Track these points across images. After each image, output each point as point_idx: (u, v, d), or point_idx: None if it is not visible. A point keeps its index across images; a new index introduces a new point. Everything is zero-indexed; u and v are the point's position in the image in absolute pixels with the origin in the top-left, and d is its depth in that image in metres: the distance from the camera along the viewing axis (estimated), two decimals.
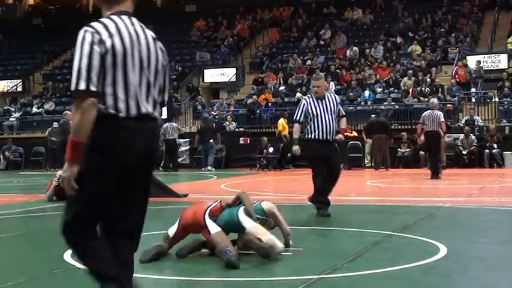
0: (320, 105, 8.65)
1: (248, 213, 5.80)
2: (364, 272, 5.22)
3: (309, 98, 8.92)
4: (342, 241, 6.99)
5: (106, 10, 3.52)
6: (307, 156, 9.13)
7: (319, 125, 8.61)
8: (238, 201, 6.04)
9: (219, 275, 5.39)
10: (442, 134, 15.68)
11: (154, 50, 3.59)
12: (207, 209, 5.84)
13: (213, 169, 21.02)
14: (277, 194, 12.88)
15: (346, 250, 6.18)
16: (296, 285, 4.78)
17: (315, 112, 8.62)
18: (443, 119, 15.57)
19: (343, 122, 9.20)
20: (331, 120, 8.63)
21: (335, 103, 8.78)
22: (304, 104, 8.76)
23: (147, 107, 3.40)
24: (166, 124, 20.90)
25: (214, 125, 22.41)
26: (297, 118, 8.80)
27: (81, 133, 3.19)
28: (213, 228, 5.66)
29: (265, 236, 5.66)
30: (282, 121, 21.55)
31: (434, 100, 16.71)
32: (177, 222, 5.94)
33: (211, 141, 21.45)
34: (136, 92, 3.37)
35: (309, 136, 8.73)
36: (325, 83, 9.04)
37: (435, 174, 15.46)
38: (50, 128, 23.09)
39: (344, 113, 9.16)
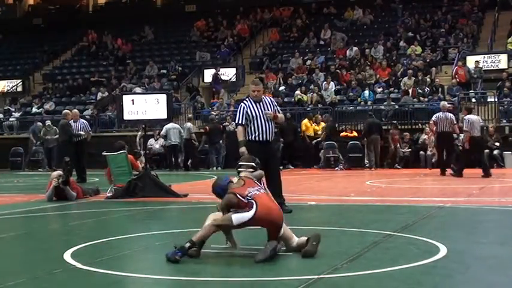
0: (258, 107, 9.17)
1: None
2: (364, 272, 5.22)
3: (247, 101, 9.35)
4: (342, 241, 6.99)
5: None
6: None
7: (258, 127, 9.12)
8: None
9: (219, 275, 5.39)
10: (456, 135, 16.54)
11: None
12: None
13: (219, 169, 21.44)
14: None
15: (346, 250, 6.18)
16: (296, 285, 4.78)
17: (254, 114, 9.12)
18: (455, 121, 16.34)
19: (281, 118, 9.66)
20: (268, 122, 9.15)
21: (271, 105, 9.30)
22: (244, 107, 9.22)
23: None
24: (169, 126, 20.78)
25: (221, 125, 22.69)
26: (240, 121, 9.26)
27: None
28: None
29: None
30: (305, 121, 21.79)
31: (445, 103, 17.42)
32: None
33: (220, 141, 21.91)
34: None
35: (250, 137, 9.18)
36: (263, 88, 9.78)
37: (458, 173, 15.98)
38: (43, 128, 23.07)
39: (280, 111, 9.75)
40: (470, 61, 24.74)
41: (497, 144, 19.81)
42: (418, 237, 6.85)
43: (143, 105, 12.47)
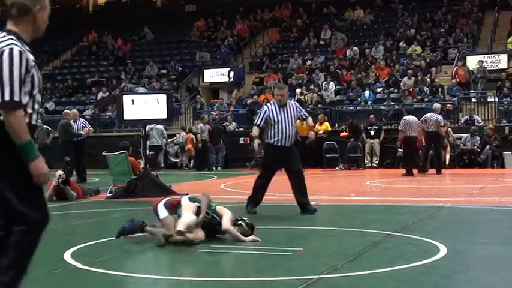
0: (282, 112, 9.10)
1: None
2: (364, 272, 5.23)
3: (271, 104, 9.33)
4: (342, 241, 6.99)
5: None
6: (263, 161, 9.79)
7: (279, 131, 9.04)
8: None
9: (219, 275, 5.39)
10: (443, 134, 17.34)
11: None
12: (163, 199, 6.86)
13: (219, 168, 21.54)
14: (277, 194, 12.86)
15: (346, 250, 6.19)
16: (296, 285, 4.78)
17: (276, 119, 9.05)
18: (442, 123, 17.14)
19: (310, 121, 9.90)
20: (290, 127, 9.11)
21: (295, 110, 9.28)
22: (266, 111, 9.18)
23: None
24: (151, 126, 19.98)
25: (221, 126, 22.80)
26: (258, 123, 9.25)
27: None
28: (163, 214, 6.62)
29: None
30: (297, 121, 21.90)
31: (438, 105, 18.16)
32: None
33: (221, 141, 21.94)
34: None
35: (269, 141, 9.14)
36: (287, 93, 9.65)
37: (439, 170, 16.95)
38: (41, 129, 22.94)
39: (307, 114, 9.80)
40: (470, 61, 24.74)
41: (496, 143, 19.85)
42: (418, 237, 6.85)
43: (143, 105, 12.47)
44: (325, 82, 24.91)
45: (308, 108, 23.65)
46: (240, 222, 6.76)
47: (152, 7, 37.07)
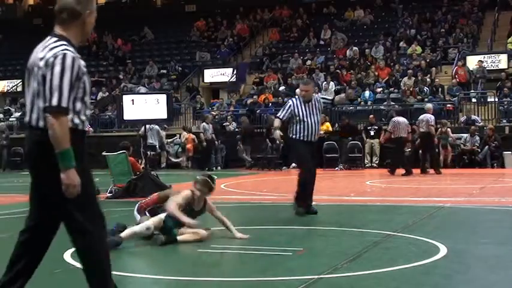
0: (307, 108, 8.96)
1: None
2: (364, 272, 5.23)
3: (296, 99, 9.20)
4: (342, 241, 6.99)
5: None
6: (295, 156, 9.53)
7: (305, 127, 8.91)
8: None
9: (219, 275, 5.39)
10: (433, 133, 17.73)
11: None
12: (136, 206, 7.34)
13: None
14: (277, 194, 12.87)
15: (346, 250, 6.18)
16: (296, 285, 4.78)
17: (301, 114, 8.91)
18: (432, 122, 17.43)
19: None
20: (315, 122, 8.98)
21: (320, 104, 9.12)
22: (290, 105, 9.04)
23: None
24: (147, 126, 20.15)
25: (219, 125, 22.89)
26: (280, 116, 9.11)
27: None
28: (137, 218, 7.13)
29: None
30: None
31: (429, 105, 18.57)
32: None
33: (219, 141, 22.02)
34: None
35: (294, 136, 8.99)
36: (313, 87, 9.50)
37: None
38: None
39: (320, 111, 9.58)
40: (470, 61, 24.74)
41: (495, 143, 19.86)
42: (418, 237, 6.85)
43: (143, 105, 12.47)
44: (325, 82, 24.91)
45: None
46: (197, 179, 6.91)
47: (152, 7, 37.06)
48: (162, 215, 6.70)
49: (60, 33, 3.75)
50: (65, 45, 3.67)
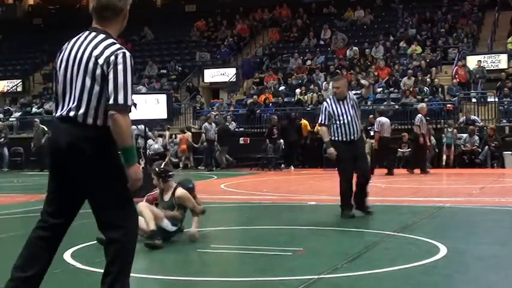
0: (342, 106, 8.56)
1: None
2: (364, 272, 5.23)
3: (330, 99, 8.81)
4: (342, 241, 6.99)
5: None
6: (336, 160, 8.82)
7: (341, 126, 8.50)
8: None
9: (219, 275, 5.39)
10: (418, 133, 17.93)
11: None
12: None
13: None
14: (277, 194, 12.88)
15: (346, 250, 6.19)
16: (296, 285, 4.78)
17: (336, 113, 8.52)
18: (418, 122, 17.78)
19: None
20: (353, 120, 8.50)
21: (355, 103, 8.67)
22: (326, 107, 8.65)
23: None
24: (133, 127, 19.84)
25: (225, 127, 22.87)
26: (322, 121, 8.70)
27: None
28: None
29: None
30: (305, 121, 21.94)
31: (422, 105, 19.03)
32: None
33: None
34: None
35: (334, 138, 8.60)
36: (346, 83, 8.97)
37: (423, 170, 17.56)
38: (38, 128, 22.88)
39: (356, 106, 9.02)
40: (471, 61, 24.74)
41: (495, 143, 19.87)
42: (418, 237, 6.85)
43: (143, 105, 12.46)
44: (325, 82, 24.91)
45: (308, 109, 23.69)
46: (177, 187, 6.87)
47: (152, 7, 37.04)
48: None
49: (104, 29, 3.79)
50: (117, 43, 3.74)
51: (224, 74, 27.99)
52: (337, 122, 8.52)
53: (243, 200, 11.41)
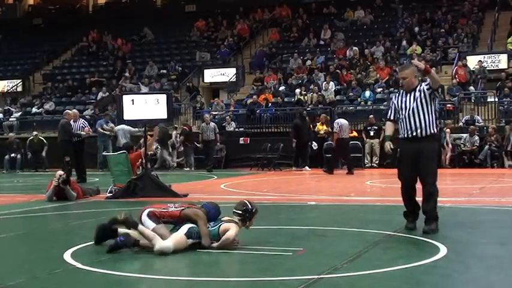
0: (409, 97, 7.47)
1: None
2: (364, 272, 5.23)
3: (398, 92, 7.88)
4: (342, 241, 6.99)
5: None
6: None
7: (405, 120, 7.39)
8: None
9: (219, 275, 5.39)
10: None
11: None
12: (145, 210, 6.49)
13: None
14: (277, 194, 12.88)
15: (346, 250, 6.19)
16: (296, 285, 4.78)
17: (401, 107, 7.47)
18: None
19: None
20: (420, 113, 7.33)
21: (426, 93, 7.47)
22: (392, 101, 7.77)
23: None
24: (118, 127, 19.69)
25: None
26: (388, 116, 7.79)
27: None
28: (150, 225, 6.31)
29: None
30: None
31: None
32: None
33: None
34: None
35: (400, 135, 7.56)
36: (415, 71, 7.70)
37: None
38: None
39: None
40: (470, 61, 24.74)
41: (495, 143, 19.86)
42: (418, 237, 6.86)
43: (143, 105, 12.46)
44: (325, 82, 24.91)
45: (308, 109, 23.67)
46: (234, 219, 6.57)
47: (152, 7, 37.06)
48: (182, 231, 6.33)
49: None
50: None
51: (224, 74, 27.97)
52: (402, 117, 7.45)
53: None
